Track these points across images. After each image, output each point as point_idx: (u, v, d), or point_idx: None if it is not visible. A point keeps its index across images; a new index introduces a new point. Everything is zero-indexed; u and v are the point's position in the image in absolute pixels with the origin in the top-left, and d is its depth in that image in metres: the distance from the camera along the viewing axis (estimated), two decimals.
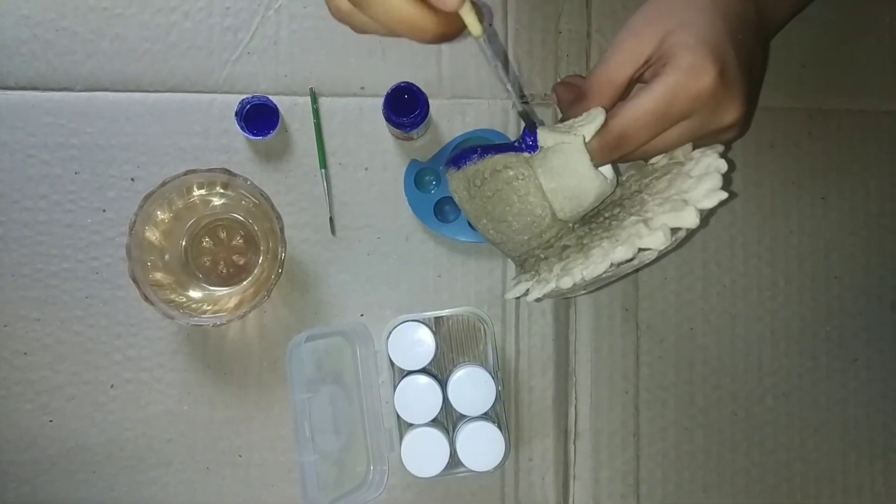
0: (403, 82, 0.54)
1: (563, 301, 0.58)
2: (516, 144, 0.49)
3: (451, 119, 0.58)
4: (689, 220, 0.43)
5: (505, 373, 0.57)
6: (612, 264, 0.43)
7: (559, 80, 0.54)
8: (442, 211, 0.57)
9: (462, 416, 0.55)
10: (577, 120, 0.47)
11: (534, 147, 0.48)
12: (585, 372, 0.58)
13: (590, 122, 0.45)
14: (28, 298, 0.56)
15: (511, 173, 0.48)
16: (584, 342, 0.58)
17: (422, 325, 0.54)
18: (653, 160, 0.50)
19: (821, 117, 0.60)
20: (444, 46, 0.58)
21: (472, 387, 0.53)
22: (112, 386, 0.56)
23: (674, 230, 0.43)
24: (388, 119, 0.55)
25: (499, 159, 0.48)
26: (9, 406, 0.56)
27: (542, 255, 0.49)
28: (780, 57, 0.59)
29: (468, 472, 0.54)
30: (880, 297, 0.59)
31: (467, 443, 0.53)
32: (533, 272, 0.49)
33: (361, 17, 0.37)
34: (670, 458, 0.58)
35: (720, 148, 0.48)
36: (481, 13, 0.38)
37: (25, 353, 0.56)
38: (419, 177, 0.57)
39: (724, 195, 0.43)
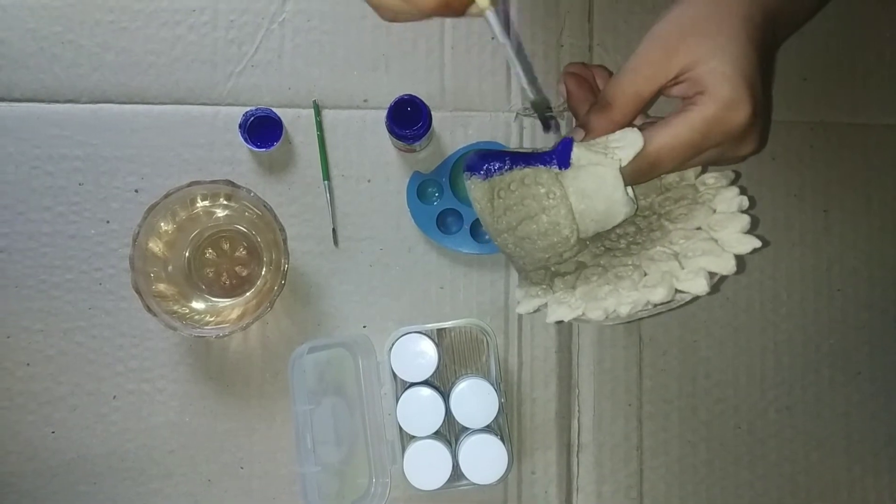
0: (406, 95, 0.54)
1: None
2: (547, 157, 0.46)
3: (453, 131, 0.59)
4: (728, 266, 0.42)
5: (507, 385, 0.57)
6: (649, 304, 0.42)
7: (565, 68, 0.51)
8: (444, 222, 0.57)
9: (464, 429, 0.55)
10: (611, 139, 0.45)
11: (565, 163, 0.45)
12: (588, 384, 0.58)
13: (628, 147, 0.44)
14: (31, 309, 0.57)
15: (542, 191, 0.45)
16: (587, 354, 0.58)
17: (424, 337, 0.54)
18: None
19: (822, 130, 0.60)
20: (447, 59, 0.59)
21: (474, 399, 0.53)
22: (114, 397, 0.56)
23: (711, 275, 0.42)
24: (390, 131, 0.55)
25: (528, 173, 0.46)
26: (11, 417, 0.56)
27: (554, 269, 0.48)
28: (781, 70, 0.59)
29: (471, 485, 0.53)
30: (883, 310, 0.59)
31: (470, 455, 0.53)
32: (545, 286, 0.48)
33: None
34: (673, 472, 0.58)
35: (731, 174, 0.48)
36: None
37: (28, 364, 0.56)
38: (422, 188, 0.57)
39: (759, 244, 0.43)
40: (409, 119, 0.54)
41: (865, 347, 0.59)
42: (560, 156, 0.45)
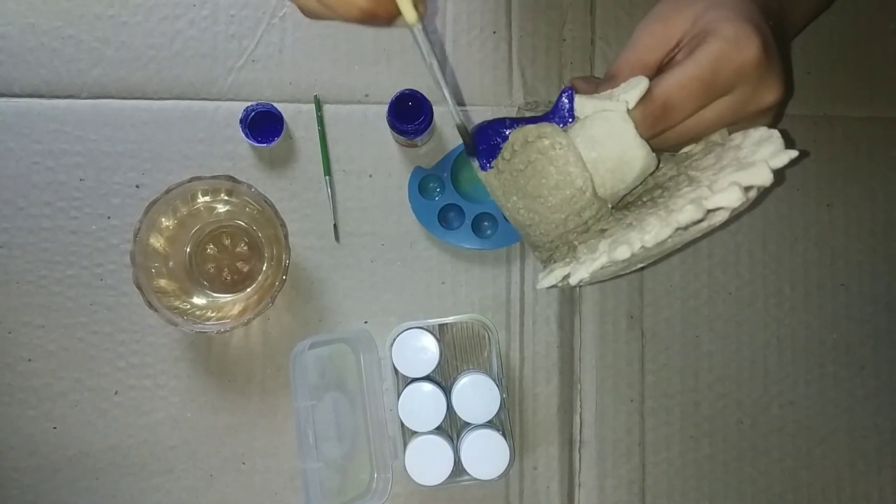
0: (407, 89, 0.54)
1: (567, 308, 0.58)
2: (549, 114, 0.44)
3: (455, 126, 0.58)
4: (763, 176, 0.38)
5: (509, 380, 0.57)
6: (678, 227, 0.38)
7: (571, 81, 0.50)
8: (446, 218, 0.57)
9: (466, 424, 0.55)
10: (615, 89, 0.43)
11: (569, 117, 0.44)
12: (590, 379, 0.58)
13: (633, 88, 0.42)
14: (32, 305, 0.56)
15: (546, 142, 0.43)
16: (589, 350, 0.58)
17: (426, 333, 0.54)
18: (687, 149, 0.47)
19: (826, 124, 0.60)
20: (448, 54, 0.59)
21: (476, 394, 0.53)
22: (115, 392, 0.56)
23: (746, 189, 0.39)
24: (392, 126, 0.55)
25: (531, 129, 0.44)
26: (12, 412, 0.56)
27: (577, 242, 0.45)
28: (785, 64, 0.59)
29: (472, 481, 0.53)
30: (887, 305, 0.59)
31: (471, 451, 0.53)
32: (568, 259, 0.45)
33: None
34: (676, 467, 0.57)
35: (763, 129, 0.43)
36: (422, 3, 0.36)
37: (29, 360, 0.56)
38: (423, 184, 0.57)
39: (795, 153, 0.39)
40: (410, 114, 0.54)
41: (870, 342, 0.59)
42: (561, 109, 0.43)
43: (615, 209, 0.46)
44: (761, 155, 0.40)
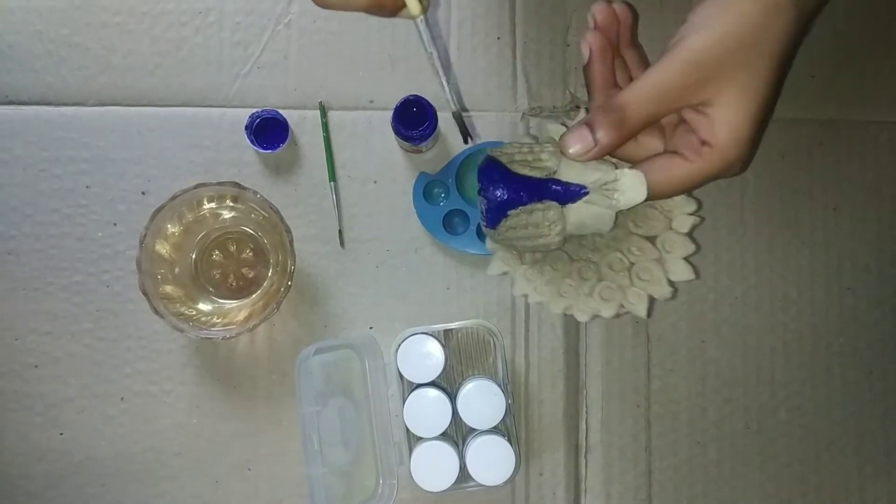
0: (412, 95, 0.54)
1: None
2: (560, 196, 0.45)
3: (458, 133, 0.58)
4: (665, 293, 0.50)
5: (515, 386, 0.57)
6: (600, 315, 0.49)
7: (592, 8, 0.47)
8: (451, 223, 0.57)
9: (472, 430, 0.55)
10: (619, 184, 0.44)
11: (577, 198, 0.46)
12: (596, 385, 0.57)
13: (631, 193, 0.44)
14: (39, 312, 0.57)
15: (546, 222, 0.46)
16: (595, 355, 0.58)
17: (431, 338, 0.54)
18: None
19: (831, 127, 0.59)
20: (453, 59, 0.59)
21: (481, 400, 0.53)
22: (122, 399, 0.57)
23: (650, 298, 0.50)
24: (396, 132, 0.55)
25: (538, 208, 0.46)
26: (19, 419, 0.56)
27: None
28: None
29: (478, 487, 0.53)
30: (894, 308, 0.59)
31: (477, 457, 0.53)
32: (514, 253, 0.51)
33: None
34: (682, 473, 0.57)
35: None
36: None
37: (36, 366, 0.57)
38: (428, 189, 0.57)
39: (693, 276, 0.50)
40: (415, 120, 0.54)
41: (876, 346, 0.58)
42: (575, 196, 0.45)
43: None
44: (674, 259, 0.50)
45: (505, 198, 0.45)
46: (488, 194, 0.46)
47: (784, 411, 0.58)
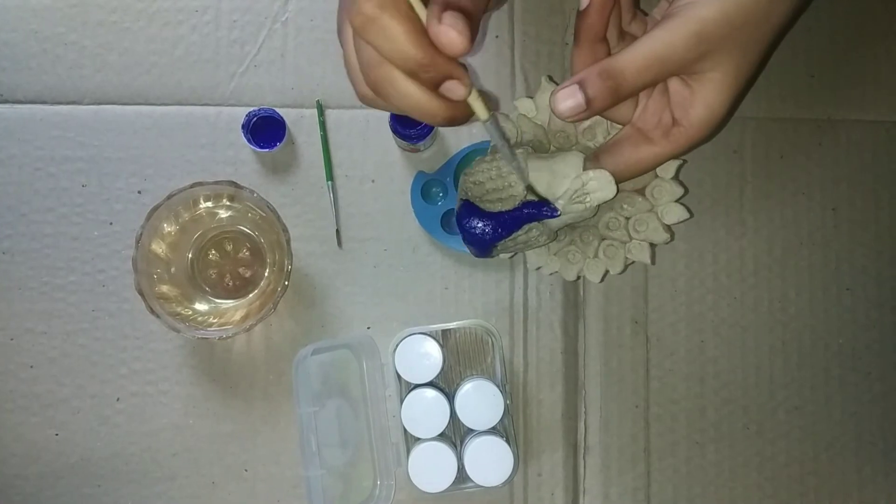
0: None
1: (571, 313, 0.57)
2: (540, 214, 0.47)
3: (457, 131, 0.58)
4: (663, 238, 0.51)
5: (513, 386, 0.57)
6: (608, 273, 0.52)
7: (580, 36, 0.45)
8: (449, 223, 0.57)
9: (470, 431, 0.54)
10: (590, 187, 0.45)
11: (553, 215, 0.47)
12: (595, 386, 0.57)
13: (601, 192, 0.45)
14: (34, 311, 0.56)
15: (534, 234, 0.48)
16: (594, 355, 0.57)
17: (429, 338, 0.54)
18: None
19: (830, 127, 0.59)
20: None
21: (479, 400, 0.53)
22: (118, 399, 0.56)
23: (651, 245, 0.52)
24: (394, 131, 0.54)
25: (521, 231, 0.48)
26: (14, 419, 0.56)
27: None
28: (788, 67, 0.59)
29: (476, 488, 0.53)
30: (893, 309, 0.58)
31: (475, 457, 0.52)
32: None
33: (383, 102, 0.40)
34: (681, 474, 0.57)
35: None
36: (488, 100, 0.40)
37: (31, 367, 0.56)
38: (426, 189, 0.57)
39: (687, 215, 0.51)
40: (412, 119, 0.53)
41: (876, 347, 0.58)
42: (547, 218, 0.47)
43: None
44: (664, 203, 0.51)
45: (487, 238, 0.48)
46: (470, 238, 0.49)
47: (783, 412, 0.58)
